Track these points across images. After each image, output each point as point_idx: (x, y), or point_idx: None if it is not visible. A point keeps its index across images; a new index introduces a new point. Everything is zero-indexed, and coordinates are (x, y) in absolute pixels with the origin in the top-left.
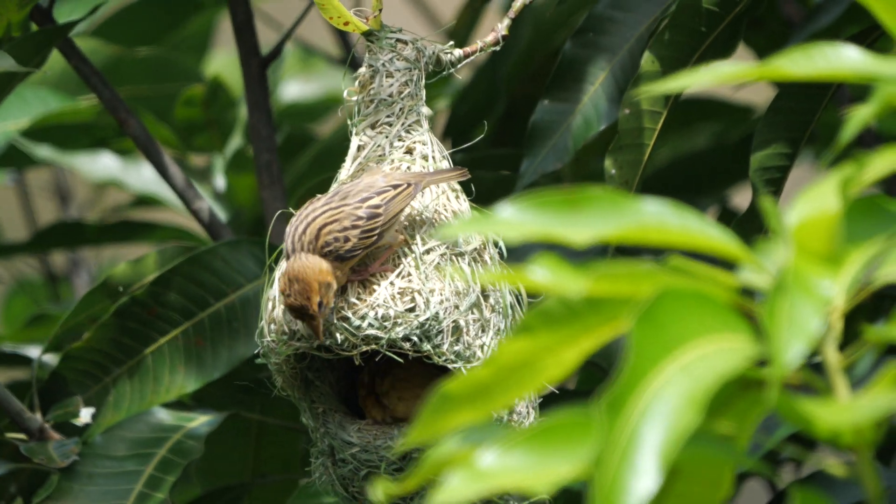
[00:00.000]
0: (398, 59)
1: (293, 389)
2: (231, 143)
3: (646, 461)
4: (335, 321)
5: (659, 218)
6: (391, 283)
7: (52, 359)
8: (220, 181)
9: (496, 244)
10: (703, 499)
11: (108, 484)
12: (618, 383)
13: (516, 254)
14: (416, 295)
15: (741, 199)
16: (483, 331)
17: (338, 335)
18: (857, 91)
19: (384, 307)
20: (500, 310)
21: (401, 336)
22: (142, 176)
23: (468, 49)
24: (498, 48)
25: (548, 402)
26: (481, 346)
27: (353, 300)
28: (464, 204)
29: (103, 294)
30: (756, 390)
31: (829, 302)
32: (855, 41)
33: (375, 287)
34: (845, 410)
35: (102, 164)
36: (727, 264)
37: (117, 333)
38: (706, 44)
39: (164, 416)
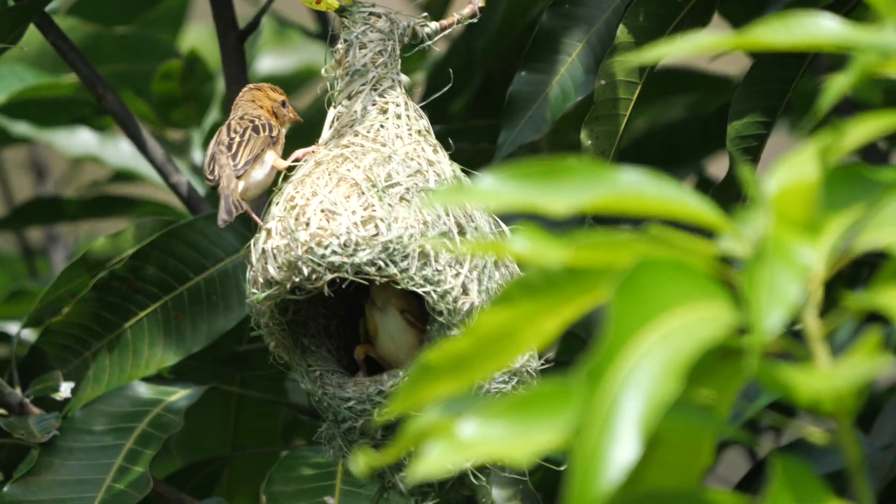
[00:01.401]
0: (371, 31)
1: (289, 354)
2: (209, 117)
3: (626, 430)
4: (301, 254)
5: (637, 187)
6: (353, 213)
7: (31, 334)
8: (197, 155)
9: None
10: (683, 468)
11: (88, 458)
12: (598, 353)
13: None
14: (378, 222)
15: (717, 168)
16: (459, 263)
17: (304, 268)
18: (833, 59)
19: (346, 234)
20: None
21: (365, 260)
22: (119, 151)
23: (445, 22)
24: (475, 20)
25: None
26: (455, 275)
27: (317, 230)
28: (442, 157)
29: (82, 269)
30: (736, 359)
31: (809, 270)
32: (832, 10)
33: (338, 217)
34: (826, 378)
35: (80, 139)
36: (706, 233)
37: (97, 308)
38: (682, 14)
39: (143, 390)
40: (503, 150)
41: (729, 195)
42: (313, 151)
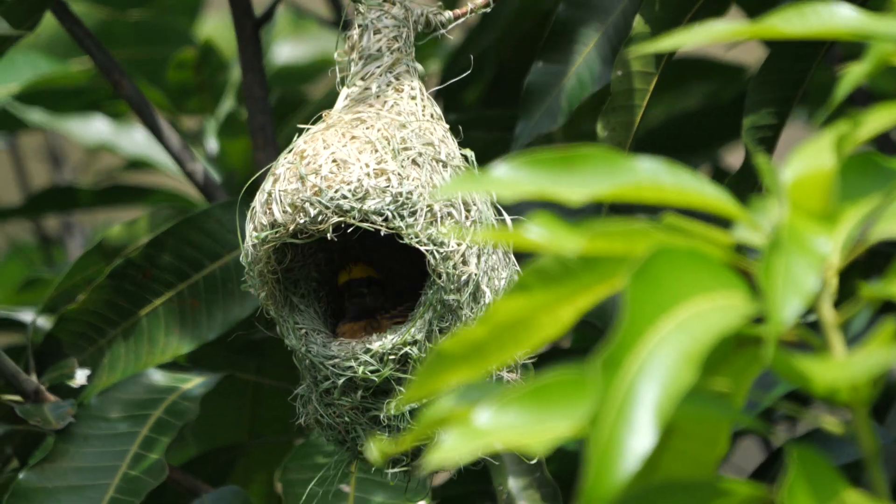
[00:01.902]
0: (386, 17)
1: (276, 308)
2: (223, 105)
3: (642, 419)
4: (309, 195)
5: (654, 176)
6: (366, 164)
7: (46, 322)
8: (212, 144)
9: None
10: (699, 456)
11: (103, 445)
12: (614, 341)
13: (511, 212)
14: (390, 175)
15: (733, 158)
16: (462, 235)
17: (311, 209)
18: (848, 50)
19: (357, 182)
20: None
21: (373, 208)
22: (134, 139)
23: (458, 11)
24: (489, 10)
25: (543, 362)
26: (458, 244)
27: (328, 174)
28: (451, 142)
29: (98, 256)
30: (752, 348)
31: (825, 259)
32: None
33: (350, 166)
34: (842, 367)
35: (95, 127)
36: (722, 222)
37: (112, 295)
38: (698, 4)
39: (159, 377)
40: (520, 141)
41: (745, 185)
42: (326, 115)
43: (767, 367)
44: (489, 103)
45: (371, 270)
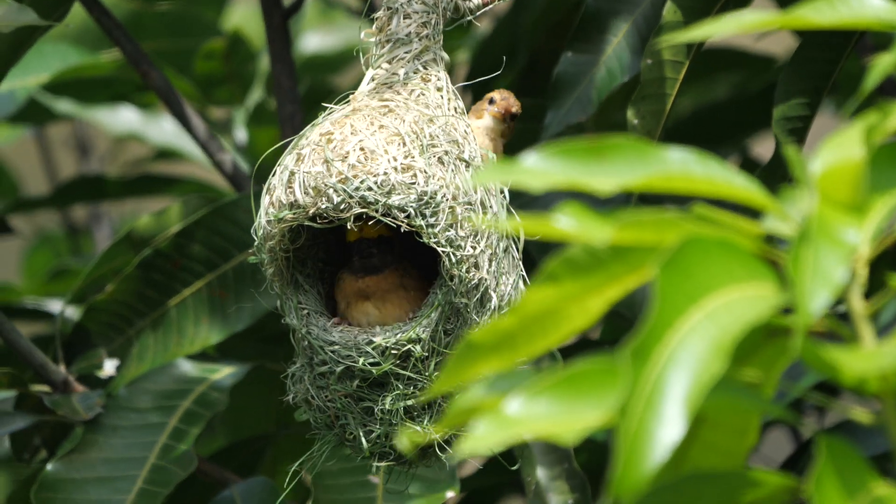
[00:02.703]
0: (416, 2)
1: (282, 286)
2: (251, 96)
3: (671, 409)
4: (334, 182)
5: (684, 166)
6: (394, 158)
7: (75, 312)
8: (240, 134)
9: (501, 190)
10: (728, 447)
11: (132, 436)
12: (643, 331)
13: (538, 203)
14: (417, 172)
15: (762, 149)
16: (476, 238)
17: (334, 196)
18: (878, 41)
19: (384, 175)
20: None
21: (398, 204)
22: (162, 129)
23: None
24: None
25: (572, 352)
26: (473, 247)
27: (355, 162)
28: (473, 140)
29: (126, 246)
30: (781, 338)
31: (855, 250)
32: None
33: (378, 157)
34: (871, 357)
35: (123, 117)
36: (752, 212)
37: (141, 285)
38: None
39: (188, 368)
40: (550, 130)
41: (775, 176)
42: (352, 98)
43: (797, 357)
44: (521, 92)
45: (383, 229)
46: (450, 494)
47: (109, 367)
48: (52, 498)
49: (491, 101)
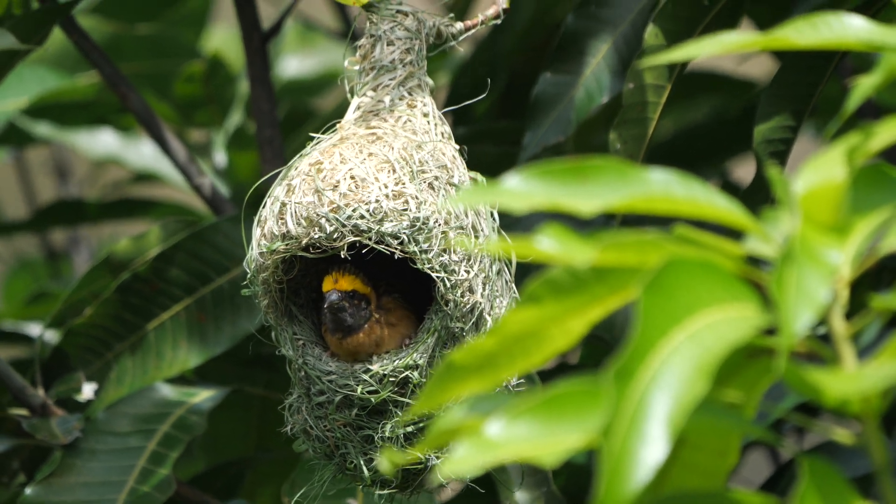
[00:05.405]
0: (399, 29)
1: (276, 317)
2: (231, 119)
3: (655, 429)
4: (326, 212)
5: (666, 187)
6: (384, 185)
7: (53, 336)
8: (219, 157)
9: (491, 213)
10: (709, 467)
11: (111, 460)
12: (626, 352)
13: (521, 224)
14: (409, 198)
15: (741, 171)
16: (469, 262)
17: (327, 225)
18: (858, 64)
19: (376, 203)
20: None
21: (389, 231)
22: (141, 153)
23: (469, 22)
24: (499, 21)
25: (551, 375)
26: (466, 271)
27: (346, 191)
28: (461, 164)
29: (105, 270)
30: (763, 359)
31: (836, 271)
32: (859, 12)
33: (369, 185)
34: (853, 379)
35: (102, 141)
36: (734, 234)
37: (119, 309)
38: (710, 17)
39: (166, 391)
40: (527, 152)
41: (758, 198)
42: (339, 126)
43: (778, 378)
44: (500, 115)
45: (357, 283)
46: None
47: (88, 390)
48: None
49: None
